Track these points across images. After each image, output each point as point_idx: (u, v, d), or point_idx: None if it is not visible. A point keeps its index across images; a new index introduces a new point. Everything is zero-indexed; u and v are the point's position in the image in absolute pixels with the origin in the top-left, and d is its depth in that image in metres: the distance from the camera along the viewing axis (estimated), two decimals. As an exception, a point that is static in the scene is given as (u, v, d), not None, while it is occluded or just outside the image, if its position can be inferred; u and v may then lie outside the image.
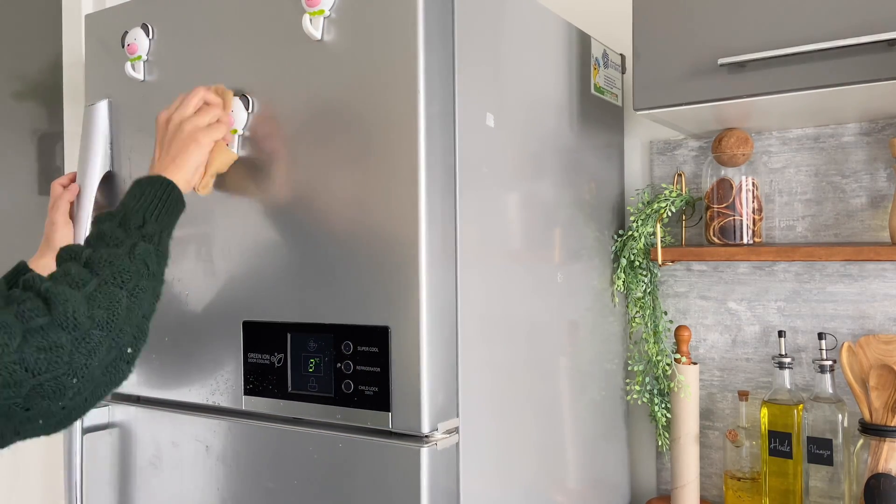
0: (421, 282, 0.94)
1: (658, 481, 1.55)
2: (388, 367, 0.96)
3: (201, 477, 1.15)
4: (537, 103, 1.22)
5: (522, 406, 1.16)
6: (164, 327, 1.20)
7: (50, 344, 0.72)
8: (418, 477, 0.94)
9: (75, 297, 0.76)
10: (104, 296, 0.78)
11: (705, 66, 1.17)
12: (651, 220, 1.38)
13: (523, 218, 1.17)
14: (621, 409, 1.48)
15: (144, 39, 1.23)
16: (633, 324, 1.45)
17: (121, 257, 0.83)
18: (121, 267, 0.82)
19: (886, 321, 1.33)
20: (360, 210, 0.99)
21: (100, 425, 1.25)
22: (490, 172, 1.09)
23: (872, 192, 1.35)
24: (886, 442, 1.19)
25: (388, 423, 0.96)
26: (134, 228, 0.88)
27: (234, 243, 1.12)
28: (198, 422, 1.15)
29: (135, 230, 0.88)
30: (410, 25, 0.96)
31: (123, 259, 0.83)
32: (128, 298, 0.81)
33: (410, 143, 0.95)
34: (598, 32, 1.62)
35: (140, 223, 0.89)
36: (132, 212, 0.90)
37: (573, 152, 1.32)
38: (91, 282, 0.79)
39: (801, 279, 1.40)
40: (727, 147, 1.34)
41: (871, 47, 1.05)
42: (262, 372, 1.08)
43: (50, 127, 1.96)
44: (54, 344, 0.72)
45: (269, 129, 1.09)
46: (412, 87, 0.95)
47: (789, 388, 1.31)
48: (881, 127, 1.34)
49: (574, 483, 1.30)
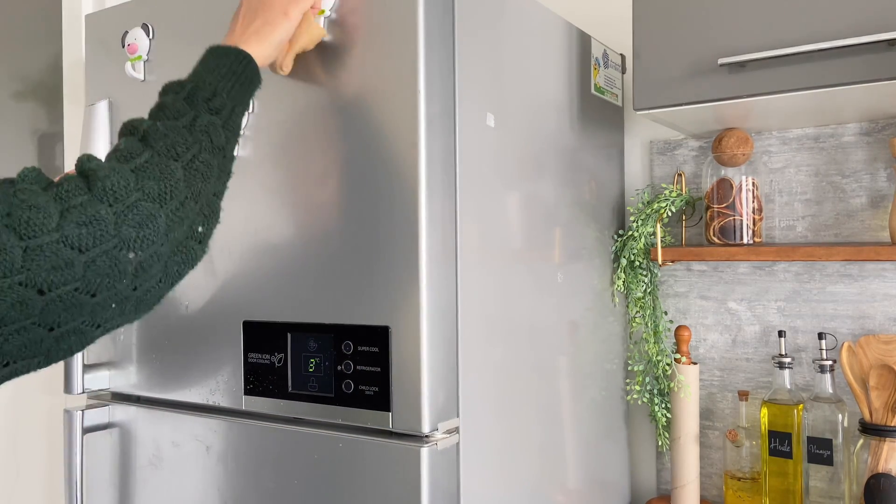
0: (421, 282, 0.94)
1: (658, 481, 1.55)
2: (388, 367, 0.96)
3: (201, 477, 1.15)
4: (537, 103, 1.22)
5: (523, 406, 1.16)
6: (165, 327, 1.20)
7: (89, 218, 0.68)
8: (418, 477, 0.94)
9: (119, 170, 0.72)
10: (155, 167, 0.74)
11: (705, 66, 1.17)
12: (651, 220, 1.38)
13: (523, 218, 1.17)
14: (621, 409, 1.48)
15: (144, 39, 1.23)
16: (634, 324, 1.45)
17: (178, 129, 0.78)
18: (177, 139, 0.77)
19: (886, 321, 1.33)
20: (360, 210, 0.99)
21: (100, 425, 1.25)
22: (490, 172, 1.09)
23: (872, 192, 1.35)
24: (886, 442, 1.19)
25: (389, 423, 0.96)
26: (201, 101, 0.82)
27: (234, 243, 1.12)
28: (198, 422, 1.15)
29: (202, 102, 0.82)
30: (410, 25, 0.96)
31: (182, 131, 0.78)
32: (184, 170, 0.76)
33: (411, 142, 0.95)
34: (598, 32, 1.62)
35: (209, 96, 0.83)
36: (203, 83, 0.84)
37: (573, 152, 1.32)
38: (142, 154, 0.75)
39: (801, 279, 1.40)
40: (727, 147, 1.34)
41: (871, 47, 1.05)
42: (262, 372, 1.08)
43: (50, 127, 1.96)
44: (94, 217, 0.69)
45: (268, 128, 1.09)
46: (412, 87, 0.95)
47: (789, 388, 1.31)
48: (881, 127, 1.34)
49: (574, 483, 1.30)
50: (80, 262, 0.68)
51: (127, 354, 1.25)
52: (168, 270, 0.75)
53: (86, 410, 1.23)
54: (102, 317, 0.71)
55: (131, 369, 1.24)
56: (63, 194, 0.69)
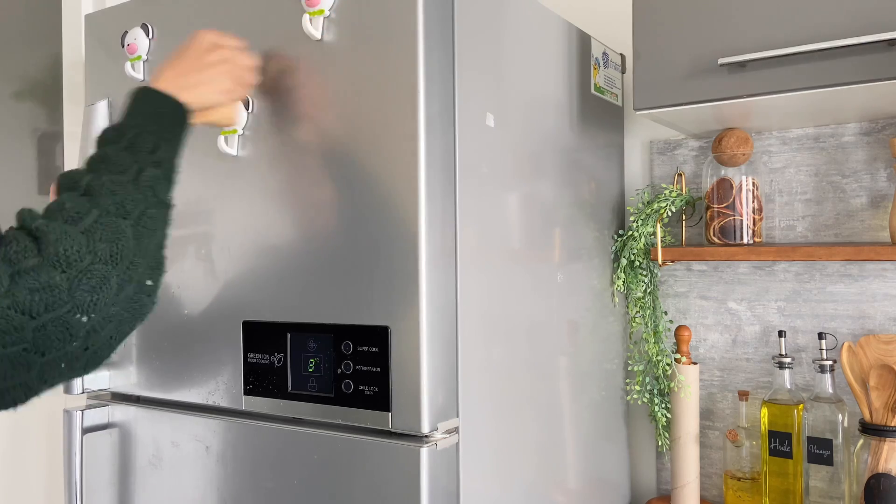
0: (421, 282, 0.94)
1: (658, 481, 1.55)
2: (387, 367, 0.96)
3: (201, 477, 1.15)
4: (537, 103, 1.22)
5: (522, 406, 1.16)
6: (165, 327, 1.20)
7: (42, 284, 0.68)
8: (418, 477, 0.94)
9: (70, 233, 0.71)
10: (105, 228, 0.73)
11: (705, 66, 1.17)
12: (651, 220, 1.38)
13: (523, 218, 1.17)
14: (621, 409, 1.48)
15: (144, 39, 1.23)
16: (633, 324, 1.45)
17: (125, 185, 0.77)
18: (124, 196, 0.76)
19: (886, 321, 1.33)
20: (360, 210, 0.99)
21: (100, 425, 1.25)
22: (490, 172, 1.09)
23: (872, 192, 1.35)
24: (886, 442, 1.19)
25: (388, 423, 0.96)
26: (145, 153, 0.81)
27: (234, 243, 1.12)
28: (198, 422, 1.15)
29: (145, 154, 0.81)
30: (410, 25, 0.96)
31: (127, 186, 0.77)
32: (132, 228, 0.75)
33: (410, 142, 0.95)
34: (598, 32, 1.62)
35: (152, 147, 0.82)
36: (144, 132, 0.82)
37: (573, 152, 1.32)
38: (90, 213, 0.73)
39: (802, 279, 1.40)
40: (727, 147, 1.34)
41: (871, 47, 1.05)
42: (261, 372, 1.08)
43: (50, 127, 1.96)
44: (47, 284, 0.68)
45: (268, 128, 1.09)
46: (412, 87, 0.95)
47: (789, 388, 1.31)
48: (881, 127, 1.34)
49: (574, 483, 1.30)
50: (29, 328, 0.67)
51: (127, 354, 1.25)
52: (120, 328, 0.75)
53: (86, 410, 1.23)
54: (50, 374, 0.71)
55: (131, 369, 1.24)
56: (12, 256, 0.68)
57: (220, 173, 1.14)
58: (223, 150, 1.12)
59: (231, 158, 1.13)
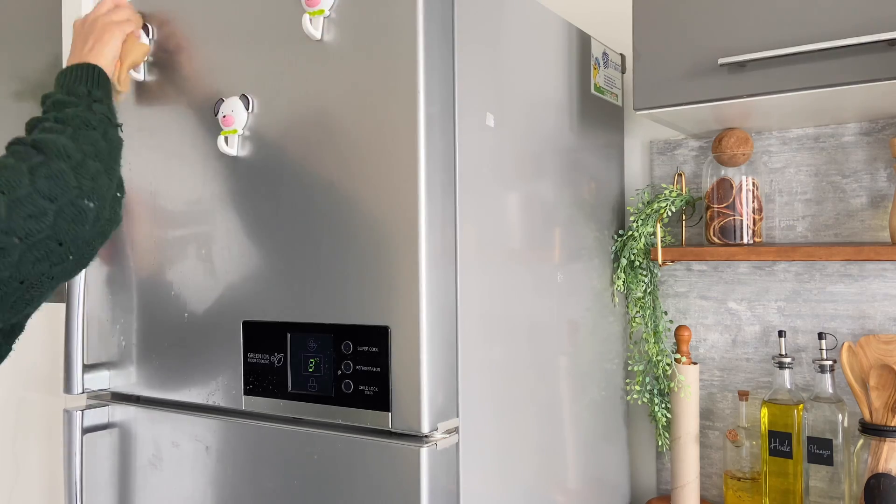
0: (421, 282, 0.94)
1: (658, 481, 1.55)
2: (387, 367, 0.96)
3: (201, 477, 1.15)
4: (537, 103, 1.22)
5: (522, 406, 1.16)
6: (165, 327, 1.20)
7: (53, 172, 0.80)
8: (418, 477, 0.94)
9: (60, 138, 0.84)
10: (83, 137, 0.87)
11: (705, 66, 1.17)
12: (651, 220, 1.38)
13: (523, 218, 1.17)
14: (621, 409, 1.48)
15: (144, 39, 1.23)
16: (633, 324, 1.45)
17: (84, 111, 0.91)
18: (87, 117, 0.90)
19: (886, 321, 1.33)
20: (360, 210, 0.99)
21: (100, 425, 1.25)
22: (490, 172, 1.09)
23: (872, 192, 1.35)
24: (886, 442, 1.19)
25: (388, 423, 0.96)
26: (83, 95, 0.94)
27: (234, 243, 1.12)
28: (198, 422, 1.15)
29: (84, 96, 0.94)
30: (410, 25, 0.96)
31: (87, 112, 0.91)
32: (103, 139, 0.89)
33: (410, 142, 0.95)
34: (598, 32, 1.62)
35: (86, 91, 0.94)
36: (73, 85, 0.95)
37: (573, 152, 1.32)
38: (66, 129, 0.87)
39: (801, 279, 1.40)
40: (727, 147, 1.34)
41: (871, 47, 1.05)
42: (261, 372, 1.08)
43: (50, 127, 1.96)
44: (57, 171, 0.81)
45: (268, 128, 1.09)
46: (412, 87, 0.95)
47: (789, 388, 1.31)
48: (881, 127, 1.34)
49: (574, 483, 1.30)
50: (51, 211, 0.79)
51: (127, 354, 1.25)
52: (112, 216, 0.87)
53: (86, 410, 1.23)
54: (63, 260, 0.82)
55: (131, 369, 1.24)
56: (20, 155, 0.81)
57: (220, 173, 1.14)
58: (223, 150, 1.12)
59: (231, 158, 1.13)
